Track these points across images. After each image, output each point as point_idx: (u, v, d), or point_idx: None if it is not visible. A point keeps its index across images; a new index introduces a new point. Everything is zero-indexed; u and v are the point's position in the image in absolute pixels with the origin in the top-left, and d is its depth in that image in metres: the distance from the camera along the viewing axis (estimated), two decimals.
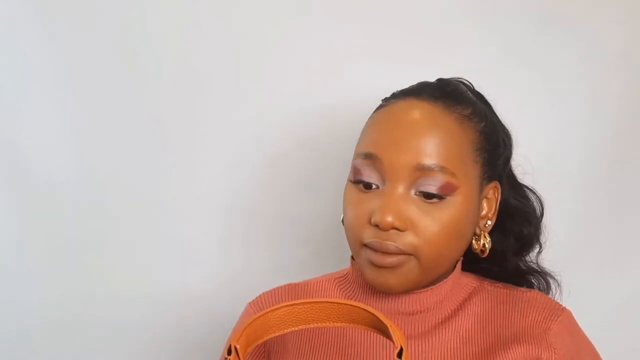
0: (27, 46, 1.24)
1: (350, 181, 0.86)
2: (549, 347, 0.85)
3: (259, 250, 1.29)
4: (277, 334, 0.72)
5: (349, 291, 0.93)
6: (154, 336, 1.29)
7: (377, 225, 0.81)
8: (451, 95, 0.87)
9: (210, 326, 1.27)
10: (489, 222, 0.89)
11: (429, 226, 0.81)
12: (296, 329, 0.72)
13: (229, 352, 0.66)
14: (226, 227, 1.29)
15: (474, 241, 0.88)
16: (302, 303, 0.71)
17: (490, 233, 0.90)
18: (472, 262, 0.92)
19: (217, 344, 1.06)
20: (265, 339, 0.71)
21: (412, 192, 0.82)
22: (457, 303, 0.89)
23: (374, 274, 0.83)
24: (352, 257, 0.94)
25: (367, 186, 0.84)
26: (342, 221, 0.89)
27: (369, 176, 0.83)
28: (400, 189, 0.82)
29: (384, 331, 0.68)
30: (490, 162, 0.88)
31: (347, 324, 0.71)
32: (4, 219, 1.28)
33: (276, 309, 0.71)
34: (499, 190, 0.90)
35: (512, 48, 1.26)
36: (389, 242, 0.81)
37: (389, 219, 0.80)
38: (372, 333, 0.86)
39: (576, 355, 0.88)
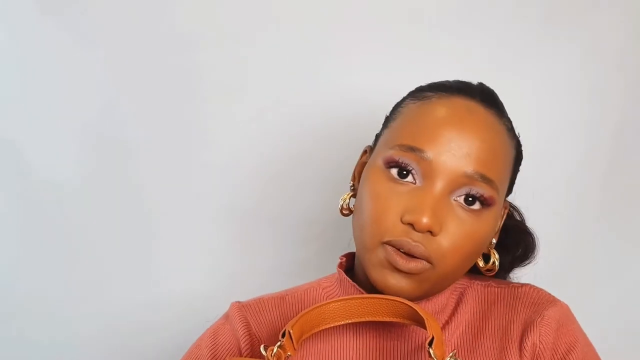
0: (26, 46, 1.26)
1: (380, 170, 0.80)
2: (531, 344, 0.80)
3: (260, 251, 1.29)
4: (329, 326, 0.78)
5: (334, 298, 0.87)
6: (152, 337, 1.29)
7: (410, 224, 0.76)
8: (498, 104, 0.84)
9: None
10: (494, 240, 0.86)
11: (459, 236, 0.77)
12: (348, 322, 0.78)
13: (283, 335, 0.74)
14: (226, 228, 1.29)
15: (478, 260, 0.85)
16: (353, 298, 0.78)
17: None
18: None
19: None
20: (318, 330, 0.78)
21: (452, 197, 0.78)
22: (449, 313, 0.84)
23: (387, 274, 0.78)
24: (340, 265, 0.89)
25: (403, 177, 0.78)
26: (341, 209, 0.87)
27: (409, 172, 0.78)
28: (441, 191, 0.77)
29: (422, 323, 0.73)
30: (512, 182, 0.86)
31: (393, 318, 0.77)
32: (3, 219, 1.29)
33: (330, 302, 0.77)
34: (507, 210, 0.88)
35: (510, 48, 1.26)
36: (419, 244, 0.76)
37: (427, 220, 0.75)
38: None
39: (567, 351, 0.80)
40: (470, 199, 0.78)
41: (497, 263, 0.85)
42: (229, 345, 0.88)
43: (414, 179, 0.78)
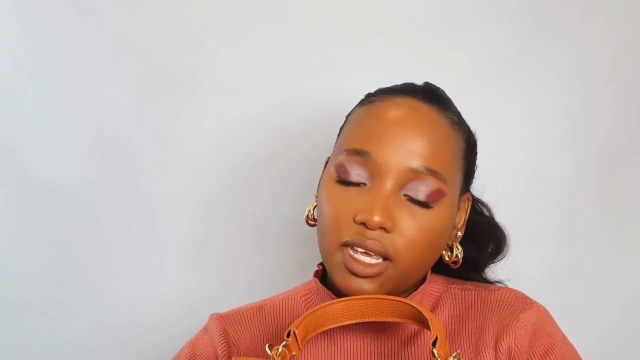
0: (26, 47, 1.27)
1: (333, 177, 0.82)
2: (507, 347, 0.81)
3: (259, 251, 1.30)
4: (334, 326, 0.79)
5: (312, 306, 0.88)
6: (152, 337, 1.29)
7: (363, 224, 0.78)
8: (443, 100, 0.86)
9: None
10: (459, 234, 0.87)
11: (414, 230, 0.79)
12: (352, 322, 0.79)
13: (288, 335, 0.75)
14: (225, 229, 1.29)
15: (444, 252, 0.87)
16: (357, 299, 0.79)
17: (461, 244, 0.88)
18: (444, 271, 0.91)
19: None
20: (323, 330, 0.78)
21: (401, 193, 0.80)
22: None
23: (349, 278, 0.80)
24: (316, 273, 0.91)
25: (354, 180, 0.81)
26: (307, 220, 0.89)
27: (358, 175, 0.80)
28: (390, 188, 0.79)
29: (425, 324, 0.74)
30: (468, 173, 0.88)
31: (396, 318, 0.78)
32: (4, 219, 1.30)
33: (334, 303, 0.78)
34: (470, 202, 0.89)
35: (506, 50, 1.27)
36: (374, 241, 0.78)
37: (378, 218, 0.77)
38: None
39: (545, 353, 0.81)
40: (419, 194, 0.80)
41: (460, 256, 0.87)
42: (207, 355, 0.89)
43: (364, 180, 0.81)
